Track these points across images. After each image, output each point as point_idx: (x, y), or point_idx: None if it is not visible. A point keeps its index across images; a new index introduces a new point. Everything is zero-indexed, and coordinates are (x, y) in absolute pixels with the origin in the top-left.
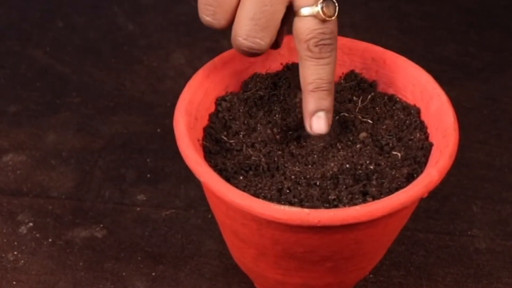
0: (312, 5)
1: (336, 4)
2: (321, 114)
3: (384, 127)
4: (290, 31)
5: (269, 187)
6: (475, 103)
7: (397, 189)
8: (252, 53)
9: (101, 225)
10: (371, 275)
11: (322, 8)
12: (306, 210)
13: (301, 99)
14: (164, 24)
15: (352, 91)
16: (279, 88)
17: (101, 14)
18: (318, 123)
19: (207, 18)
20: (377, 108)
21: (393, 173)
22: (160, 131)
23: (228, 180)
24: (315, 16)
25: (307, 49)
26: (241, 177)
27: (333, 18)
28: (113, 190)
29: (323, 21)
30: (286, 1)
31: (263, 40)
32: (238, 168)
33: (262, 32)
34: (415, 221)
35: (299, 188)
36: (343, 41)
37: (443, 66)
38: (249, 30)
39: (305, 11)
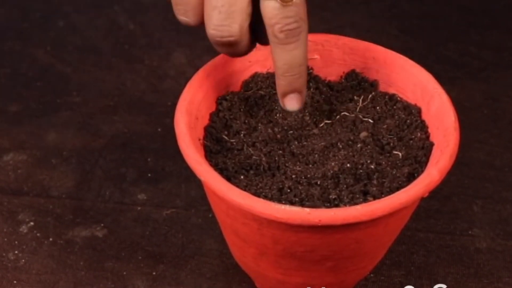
0: None
1: None
2: (293, 96)
3: (385, 126)
4: None
5: (270, 186)
6: (475, 102)
7: (397, 189)
8: (226, 43)
9: (102, 225)
10: (371, 275)
11: None
12: (307, 210)
13: None
14: (165, 24)
15: (353, 90)
16: None
17: (101, 14)
18: (290, 103)
19: (182, 17)
20: (377, 108)
21: (394, 172)
22: (161, 130)
23: (228, 179)
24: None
25: (273, 34)
26: (241, 177)
27: (294, 1)
28: (114, 189)
29: (285, 5)
30: None
31: (231, 26)
32: (239, 168)
33: (228, 19)
34: (416, 221)
35: (300, 188)
36: (344, 40)
37: (444, 66)
38: (215, 19)
39: None
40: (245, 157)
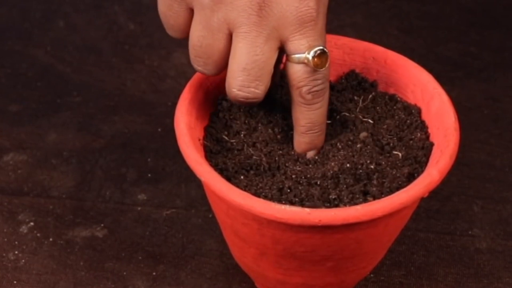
0: (304, 52)
1: (328, 54)
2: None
3: (385, 126)
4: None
5: (270, 186)
6: (475, 102)
7: (397, 189)
8: (249, 102)
9: (102, 225)
10: (371, 275)
11: (313, 57)
12: (307, 210)
13: None
14: None
15: (353, 90)
16: (280, 88)
17: (101, 14)
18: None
19: (199, 68)
20: (377, 108)
21: (394, 172)
22: (161, 130)
23: (229, 179)
24: (306, 64)
25: (299, 95)
26: (242, 177)
27: (324, 68)
28: (114, 189)
29: (317, 69)
30: (277, 47)
31: (258, 88)
32: (239, 168)
33: (256, 81)
34: (416, 221)
35: (300, 188)
36: (344, 40)
37: (444, 66)
38: (242, 81)
39: (296, 58)
40: (245, 157)
